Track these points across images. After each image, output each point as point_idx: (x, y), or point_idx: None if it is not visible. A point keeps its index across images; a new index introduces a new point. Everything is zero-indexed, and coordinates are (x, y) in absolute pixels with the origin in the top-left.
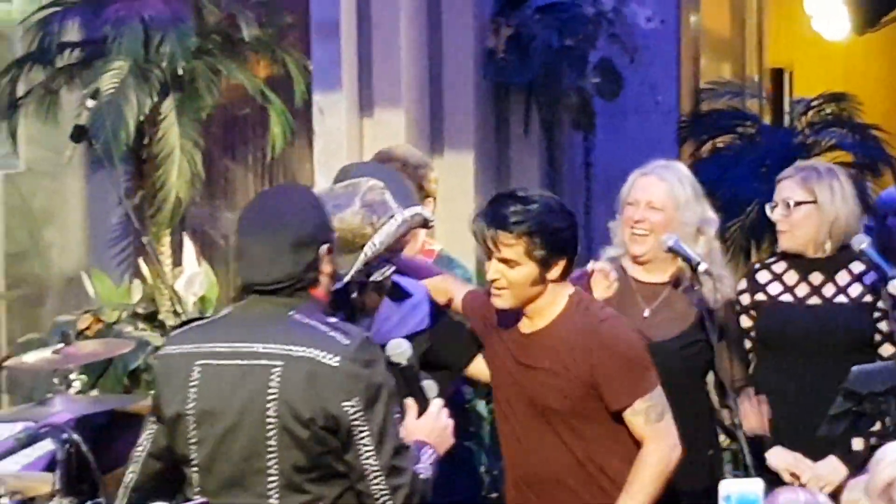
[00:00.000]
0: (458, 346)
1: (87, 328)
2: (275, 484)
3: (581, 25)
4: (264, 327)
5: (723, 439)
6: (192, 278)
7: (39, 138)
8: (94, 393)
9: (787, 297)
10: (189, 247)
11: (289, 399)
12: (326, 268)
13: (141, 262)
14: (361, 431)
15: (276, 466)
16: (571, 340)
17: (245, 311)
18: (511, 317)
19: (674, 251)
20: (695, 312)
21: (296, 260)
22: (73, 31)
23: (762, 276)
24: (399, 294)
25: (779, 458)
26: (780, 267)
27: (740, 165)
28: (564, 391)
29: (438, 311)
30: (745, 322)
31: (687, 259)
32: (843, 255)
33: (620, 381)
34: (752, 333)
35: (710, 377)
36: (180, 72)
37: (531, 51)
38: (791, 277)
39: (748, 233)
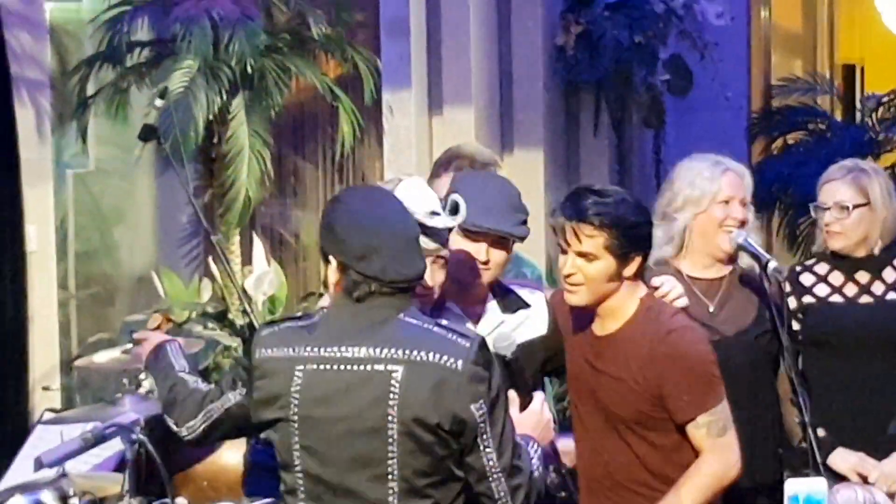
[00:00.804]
0: None
1: (157, 327)
2: (395, 490)
3: (651, 22)
4: (376, 330)
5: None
6: (262, 277)
7: (109, 137)
8: None
9: (837, 298)
10: (258, 246)
11: (413, 404)
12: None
13: (210, 261)
14: (485, 433)
15: (397, 472)
16: (639, 349)
17: (349, 313)
18: (586, 317)
19: (742, 248)
20: (754, 306)
21: (422, 257)
22: (142, 30)
23: (806, 279)
24: (512, 303)
25: (843, 459)
26: (822, 268)
27: (811, 162)
28: (630, 399)
29: (559, 324)
30: (793, 325)
31: (757, 257)
32: (885, 252)
33: (685, 394)
34: (801, 336)
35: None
36: (249, 70)
37: (601, 48)
38: (836, 278)
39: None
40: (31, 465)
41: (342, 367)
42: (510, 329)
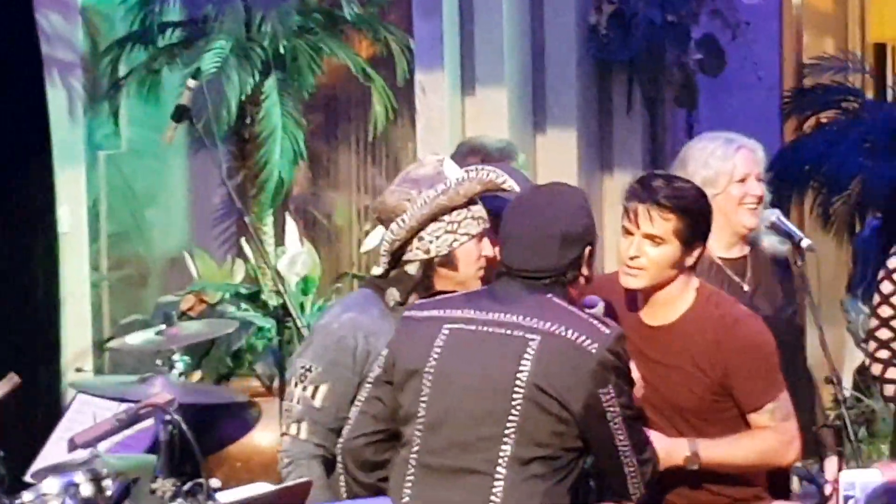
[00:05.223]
0: None
1: (191, 308)
2: (507, 453)
3: (683, 1)
4: (523, 302)
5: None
6: (295, 258)
7: (141, 118)
8: (198, 374)
9: None
10: (291, 226)
11: (541, 374)
12: (585, 269)
13: (243, 241)
14: (614, 417)
15: (513, 435)
16: (705, 338)
17: (501, 287)
18: (633, 306)
19: (776, 226)
20: (781, 284)
21: (561, 254)
22: (174, 11)
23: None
24: None
25: None
26: None
27: (844, 141)
28: (690, 388)
29: None
30: (886, 311)
31: (790, 234)
32: None
33: (754, 383)
34: (894, 322)
35: None
36: (282, 51)
37: (633, 27)
38: None
39: (853, 208)
40: (65, 446)
41: (486, 328)
42: None
